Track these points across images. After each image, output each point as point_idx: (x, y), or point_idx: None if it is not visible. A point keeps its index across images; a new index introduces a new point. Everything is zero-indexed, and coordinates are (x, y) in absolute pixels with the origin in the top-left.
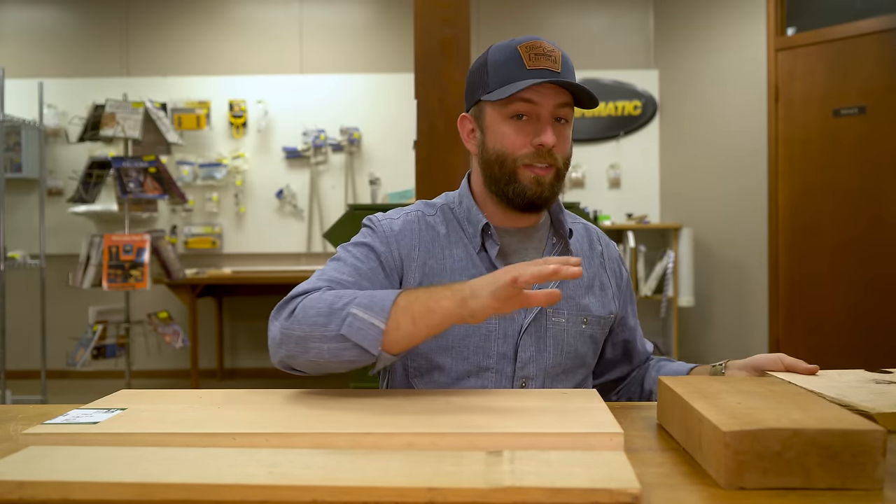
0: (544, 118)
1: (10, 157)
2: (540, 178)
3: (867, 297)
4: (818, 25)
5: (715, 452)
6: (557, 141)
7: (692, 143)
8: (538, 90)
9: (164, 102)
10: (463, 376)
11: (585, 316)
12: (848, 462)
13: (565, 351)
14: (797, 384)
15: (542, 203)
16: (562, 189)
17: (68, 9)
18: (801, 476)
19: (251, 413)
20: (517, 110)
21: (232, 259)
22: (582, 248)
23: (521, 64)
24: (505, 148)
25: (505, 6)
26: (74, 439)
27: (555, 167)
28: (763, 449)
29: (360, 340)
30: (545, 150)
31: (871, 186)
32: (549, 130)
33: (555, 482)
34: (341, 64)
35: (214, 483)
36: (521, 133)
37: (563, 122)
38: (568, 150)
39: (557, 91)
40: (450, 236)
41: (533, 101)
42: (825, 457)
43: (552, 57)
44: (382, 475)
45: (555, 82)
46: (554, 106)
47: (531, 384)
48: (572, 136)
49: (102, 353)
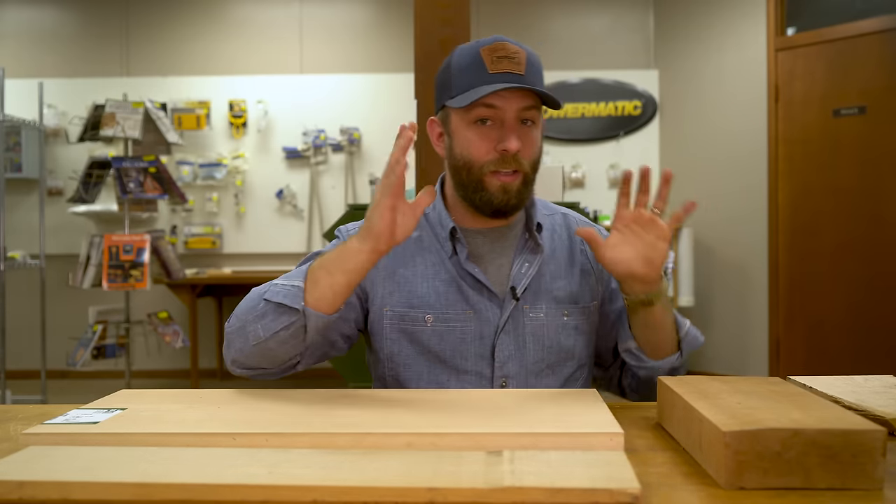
0: (508, 123)
1: (10, 157)
2: (507, 186)
3: (867, 296)
4: (818, 25)
5: (715, 452)
6: (523, 145)
7: (692, 143)
8: (501, 94)
9: (164, 102)
10: (442, 382)
11: (566, 307)
12: (848, 462)
13: (546, 346)
14: (818, 389)
15: (509, 210)
16: (531, 193)
17: (68, 9)
18: (801, 476)
19: (251, 413)
20: (480, 115)
21: (232, 259)
22: (560, 238)
23: (484, 68)
24: (471, 154)
25: (505, 6)
26: (74, 439)
27: (521, 172)
28: (763, 449)
29: (282, 299)
30: (510, 155)
31: (871, 186)
32: (513, 136)
33: (555, 482)
34: (341, 64)
35: (214, 483)
36: (486, 139)
37: (530, 125)
38: (535, 153)
39: (521, 94)
40: (422, 241)
41: (496, 106)
42: (825, 457)
43: (516, 59)
44: (382, 475)
45: (517, 88)
46: (518, 110)
47: (512, 383)
48: (572, 137)
49: (102, 353)
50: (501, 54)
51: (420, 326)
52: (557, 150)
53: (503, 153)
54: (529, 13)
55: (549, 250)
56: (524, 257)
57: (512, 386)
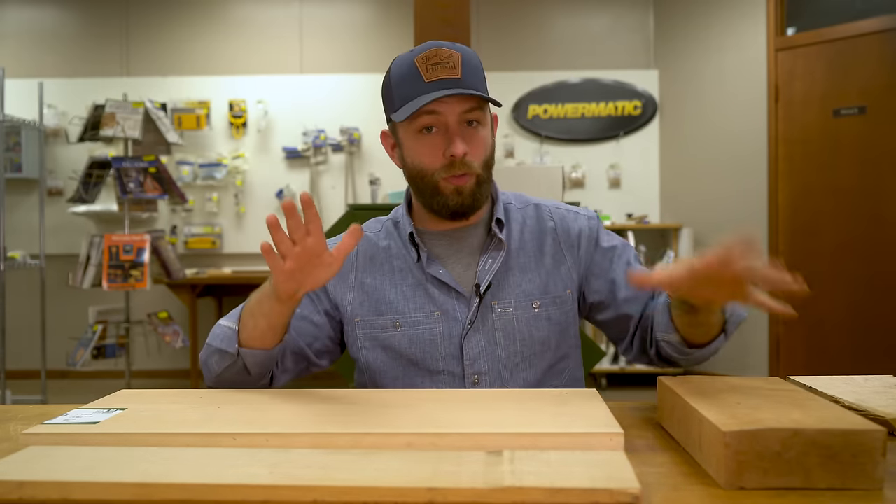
0: (452, 127)
1: (10, 157)
2: (460, 188)
3: (867, 296)
4: (818, 25)
5: (715, 452)
6: (470, 147)
7: (692, 144)
8: (441, 101)
9: (164, 102)
10: (416, 384)
11: (536, 299)
12: (848, 462)
13: (518, 339)
14: (818, 389)
15: (466, 210)
16: (488, 191)
17: (68, 9)
18: (801, 476)
19: (251, 413)
20: (424, 124)
21: (232, 259)
22: (531, 230)
23: (420, 78)
24: (421, 163)
25: (505, 6)
26: (74, 439)
27: (473, 174)
28: (763, 449)
29: (219, 343)
30: (458, 160)
31: (871, 186)
32: (458, 140)
33: (555, 482)
34: (341, 64)
35: (215, 483)
36: (433, 146)
37: (476, 125)
38: (484, 153)
39: (461, 98)
40: (390, 250)
41: (437, 113)
42: (825, 457)
43: (450, 63)
44: (382, 475)
45: (455, 91)
46: (459, 114)
47: (485, 379)
48: (572, 137)
49: (102, 353)
50: (435, 61)
51: (390, 332)
52: (557, 150)
53: (451, 159)
54: (529, 13)
55: (517, 243)
56: (489, 254)
57: (485, 382)
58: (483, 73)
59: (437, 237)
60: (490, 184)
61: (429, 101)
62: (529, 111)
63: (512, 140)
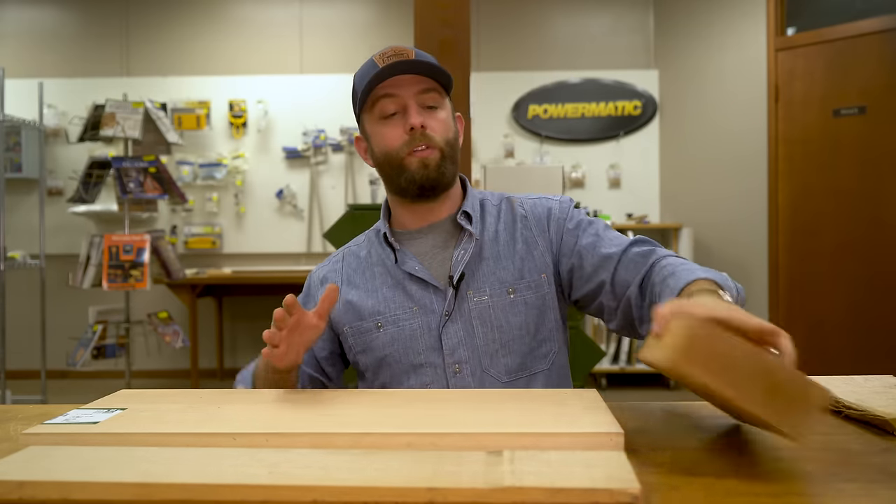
0: (410, 106)
1: (10, 157)
2: (425, 161)
3: (867, 296)
4: (818, 25)
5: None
6: (429, 122)
7: (692, 144)
8: (394, 83)
9: (164, 102)
10: (402, 381)
11: (511, 285)
12: (786, 397)
13: (495, 326)
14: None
15: (433, 184)
16: (454, 171)
17: (68, 9)
18: (742, 383)
19: (251, 413)
20: (384, 109)
21: (232, 259)
22: (505, 221)
23: (375, 67)
24: (386, 145)
25: (505, 6)
26: (74, 439)
27: (437, 148)
28: (720, 345)
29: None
30: (417, 132)
31: (871, 187)
32: (414, 113)
33: (555, 482)
34: (341, 64)
35: (214, 483)
36: (395, 127)
37: (435, 109)
38: (446, 132)
39: (416, 79)
40: (371, 257)
41: (393, 94)
42: (771, 383)
43: (403, 54)
44: (382, 475)
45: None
46: (415, 93)
47: (465, 368)
48: (572, 137)
49: (102, 353)
50: (390, 53)
51: (374, 334)
52: (557, 150)
53: (411, 132)
54: (529, 13)
55: (491, 235)
56: (461, 246)
57: (466, 371)
58: (439, 67)
59: (413, 236)
60: (455, 165)
61: (375, 76)
62: (529, 111)
63: (512, 140)
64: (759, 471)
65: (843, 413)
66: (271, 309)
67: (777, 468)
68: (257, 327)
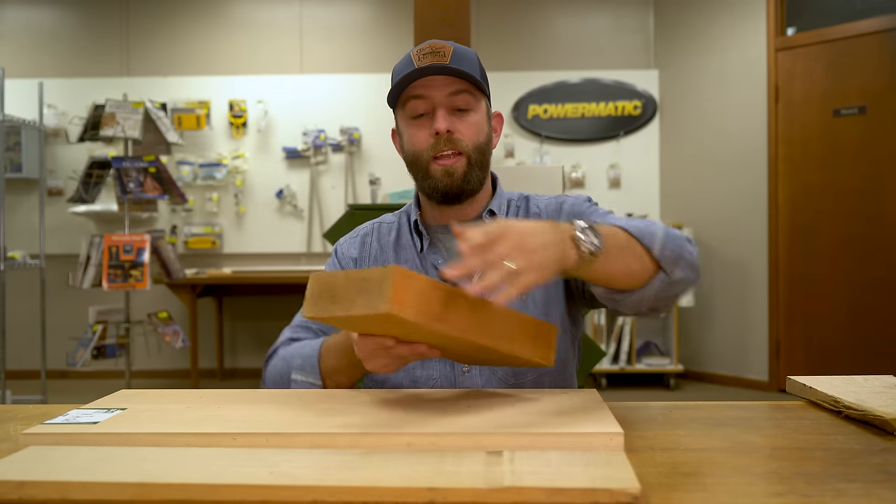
0: (439, 108)
1: (10, 157)
2: (449, 169)
3: (867, 295)
4: (818, 25)
5: None
6: (457, 125)
7: (692, 143)
8: (426, 83)
9: (164, 102)
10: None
11: None
12: (370, 290)
13: None
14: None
15: (457, 193)
16: (482, 177)
17: (68, 9)
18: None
19: (251, 413)
20: (414, 109)
21: (232, 259)
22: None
23: (412, 64)
24: (413, 146)
25: (505, 6)
26: (74, 439)
27: (464, 154)
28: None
29: (303, 376)
30: (443, 137)
31: (871, 186)
32: (442, 116)
33: (554, 482)
34: (341, 64)
35: (214, 483)
36: (423, 128)
37: (466, 111)
38: (476, 136)
39: (448, 80)
40: (399, 240)
41: (423, 96)
42: (362, 288)
43: (441, 52)
44: (382, 475)
45: (439, 71)
46: (445, 95)
47: (474, 366)
48: (572, 137)
49: (102, 353)
50: (427, 50)
51: None
52: (557, 150)
53: (436, 136)
54: (529, 13)
55: None
56: None
57: (475, 369)
58: (479, 67)
59: (440, 230)
60: (484, 170)
61: (412, 78)
62: (529, 111)
63: (512, 140)
64: (759, 471)
65: (843, 413)
66: (271, 309)
67: (777, 468)
68: (257, 327)
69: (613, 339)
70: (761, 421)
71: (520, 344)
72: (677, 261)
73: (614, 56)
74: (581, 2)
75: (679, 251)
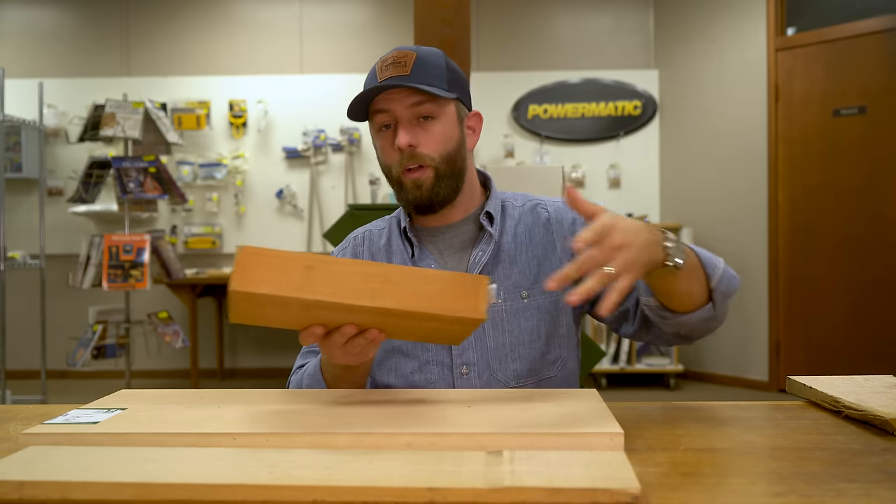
0: (401, 122)
1: (10, 157)
2: (417, 181)
3: (867, 295)
4: (818, 25)
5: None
6: (420, 139)
7: (692, 143)
8: (387, 97)
9: (164, 102)
10: (407, 374)
11: (524, 289)
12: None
13: (507, 330)
14: (820, 390)
15: (428, 204)
16: (454, 185)
17: (68, 9)
18: None
19: (251, 413)
20: (380, 122)
21: (232, 259)
22: (525, 224)
23: (375, 78)
24: (383, 160)
25: (505, 6)
26: (74, 439)
27: (430, 167)
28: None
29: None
30: (405, 152)
31: (871, 186)
32: (402, 132)
33: (554, 482)
34: (341, 64)
35: (214, 483)
36: (388, 141)
37: (430, 119)
38: (443, 146)
39: (408, 92)
40: (390, 246)
41: (386, 110)
42: None
43: (402, 62)
44: (382, 475)
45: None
46: (406, 107)
47: (473, 370)
48: (572, 137)
49: (102, 353)
50: (389, 62)
51: None
52: (557, 150)
53: (399, 151)
54: (529, 13)
55: (510, 237)
56: (479, 247)
57: (473, 373)
58: (445, 70)
59: (430, 234)
60: (456, 178)
61: (370, 96)
62: (529, 111)
63: (512, 140)
64: (759, 471)
65: (843, 413)
66: None
67: (777, 468)
68: (257, 327)
69: (613, 339)
70: (761, 421)
71: (440, 301)
72: (726, 298)
73: (614, 56)
74: (581, 2)
75: (731, 290)
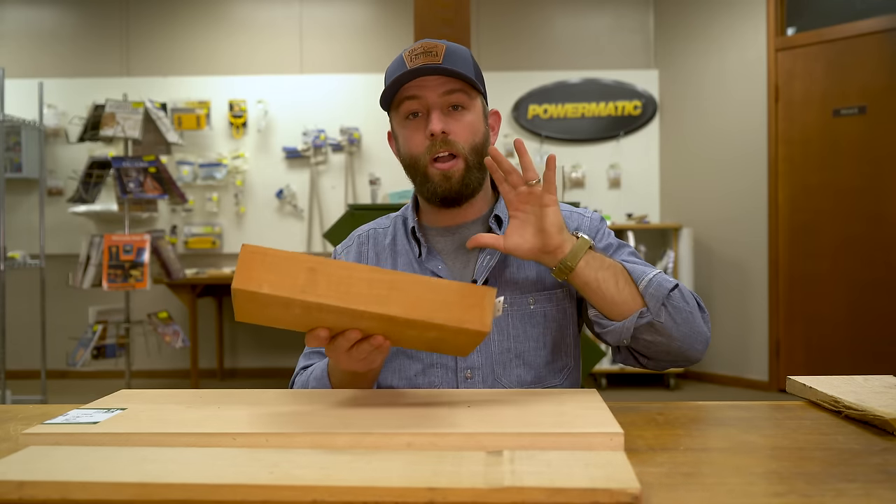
0: (432, 108)
1: (10, 157)
2: (446, 173)
3: (867, 295)
4: (818, 25)
5: None
6: (452, 126)
7: (692, 143)
8: (419, 84)
9: (164, 102)
10: (411, 376)
11: (531, 295)
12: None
13: (512, 335)
14: (820, 390)
15: (455, 196)
16: (481, 179)
17: (68, 9)
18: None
19: (251, 413)
20: (408, 109)
21: (232, 259)
22: None
23: (404, 66)
24: (409, 149)
25: (505, 6)
26: (74, 439)
27: (460, 157)
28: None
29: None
30: (438, 138)
31: (871, 186)
32: (436, 117)
33: (554, 482)
34: (341, 64)
35: (214, 483)
36: (417, 130)
37: (460, 110)
38: (472, 137)
39: (441, 80)
40: (395, 245)
41: (416, 97)
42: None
43: (433, 52)
44: (382, 475)
45: (432, 72)
46: (439, 95)
47: (477, 374)
48: (572, 137)
49: (102, 353)
50: (419, 51)
51: None
52: (557, 150)
53: (431, 138)
54: (529, 13)
55: None
56: (487, 251)
57: (478, 377)
58: (473, 65)
59: (440, 233)
60: (483, 171)
61: (404, 80)
62: (529, 111)
63: (512, 140)
64: (759, 471)
65: (843, 413)
66: None
67: (777, 468)
68: (257, 327)
69: None
70: (761, 421)
71: (446, 311)
72: (662, 301)
73: (614, 56)
74: (581, 2)
75: (662, 291)
